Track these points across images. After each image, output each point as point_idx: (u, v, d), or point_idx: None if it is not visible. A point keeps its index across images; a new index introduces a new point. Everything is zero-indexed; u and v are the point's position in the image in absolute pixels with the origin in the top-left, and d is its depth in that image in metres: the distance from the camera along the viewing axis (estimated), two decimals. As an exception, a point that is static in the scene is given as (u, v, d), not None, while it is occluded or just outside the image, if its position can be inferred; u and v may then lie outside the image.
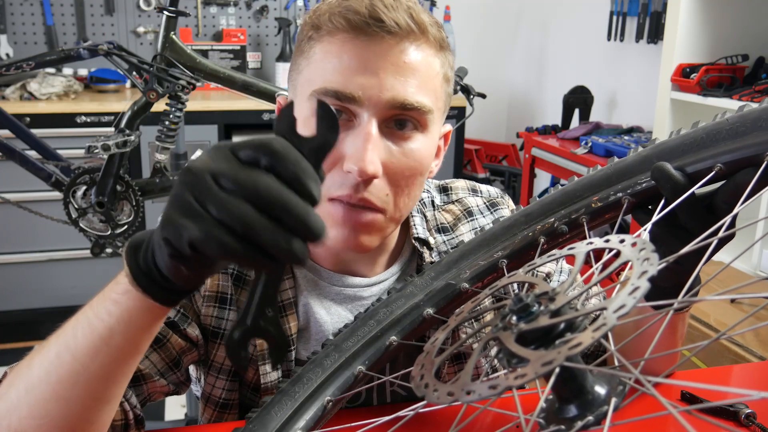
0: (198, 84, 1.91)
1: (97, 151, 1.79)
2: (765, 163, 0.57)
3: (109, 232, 1.95)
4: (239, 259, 0.47)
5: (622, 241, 0.50)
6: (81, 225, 1.95)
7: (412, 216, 0.92)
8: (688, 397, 0.88)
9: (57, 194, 1.95)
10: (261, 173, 0.47)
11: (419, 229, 0.92)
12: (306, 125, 0.76)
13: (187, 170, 0.49)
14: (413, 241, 0.91)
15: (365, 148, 0.73)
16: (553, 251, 0.68)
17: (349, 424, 0.70)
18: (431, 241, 0.92)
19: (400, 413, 0.62)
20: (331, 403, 0.74)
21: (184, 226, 0.47)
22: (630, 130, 2.72)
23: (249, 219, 0.45)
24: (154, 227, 0.55)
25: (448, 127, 0.87)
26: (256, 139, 0.49)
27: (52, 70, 2.93)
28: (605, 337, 0.42)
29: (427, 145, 0.79)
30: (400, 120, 0.76)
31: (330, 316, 0.88)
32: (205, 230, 0.46)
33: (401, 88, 0.74)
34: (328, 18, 0.74)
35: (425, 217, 0.94)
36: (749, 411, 0.82)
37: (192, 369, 0.93)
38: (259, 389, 0.86)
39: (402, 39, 0.74)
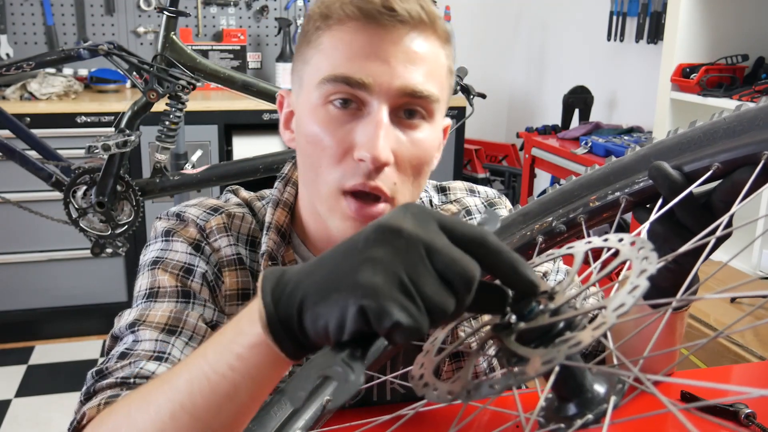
0: (198, 84, 1.91)
1: (97, 151, 1.79)
2: (762, 161, 0.57)
3: (109, 232, 1.95)
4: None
5: (620, 240, 0.50)
6: (81, 225, 1.96)
7: None
8: (687, 398, 0.88)
9: (57, 194, 1.95)
10: (472, 260, 0.44)
11: None
12: (314, 113, 0.77)
13: (396, 232, 0.44)
14: None
15: (377, 135, 0.72)
16: (552, 250, 0.68)
17: (348, 423, 0.70)
18: None
19: (400, 412, 0.62)
20: (330, 403, 0.74)
21: (392, 309, 0.42)
22: (630, 130, 2.72)
23: (450, 310, 0.43)
24: (298, 273, 0.47)
25: (448, 121, 0.87)
26: (469, 225, 0.46)
27: (52, 70, 2.93)
28: (604, 335, 0.42)
29: (433, 135, 0.79)
30: (408, 108, 0.76)
31: None
32: (414, 319, 0.42)
33: (411, 76, 0.74)
34: (339, 6, 0.74)
35: None
36: (749, 411, 0.82)
37: None
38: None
39: (412, 29, 0.74)
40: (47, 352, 2.88)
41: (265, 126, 2.98)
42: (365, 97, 0.74)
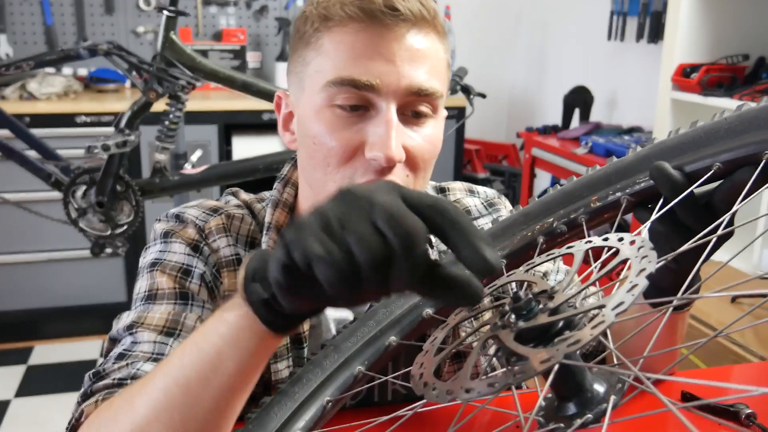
0: (198, 84, 1.91)
1: (96, 151, 1.79)
2: (763, 161, 0.57)
3: (108, 232, 1.95)
4: (342, 295, 0.44)
5: (620, 239, 0.50)
6: (81, 225, 1.96)
7: None
8: (688, 398, 0.88)
9: (57, 194, 1.96)
10: (418, 220, 0.44)
11: None
12: (319, 115, 0.77)
13: (350, 191, 0.46)
14: None
15: (389, 135, 0.73)
16: (552, 250, 0.68)
17: (348, 424, 0.70)
18: (432, 239, 0.92)
19: (399, 413, 0.61)
20: (330, 404, 0.74)
21: (308, 240, 0.43)
22: (630, 130, 2.72)
23: (378, 255, 0.43)
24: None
25: (445, 113, 0.88)
26: (434, 197, 0.46)
27: (51, 69, 2.93)
28: (604, 335, 0.42)
29: (439, 129, 0.81)
30: (415, 105, 0.77)
31: (338, 314, 0.88)
32: (330, 253, 0.43)
33: (417, 75, 0.75)
34: (339, 8, 0.74)
35: None
36: (750, 411, 0.82)
37: None
38: (270, 387, 0.86)
39: (413, 26, 0.75)
40: (47, 352, 2.87)
41: (265, 126, 2.97)
42: (373, 98, 0.75)
